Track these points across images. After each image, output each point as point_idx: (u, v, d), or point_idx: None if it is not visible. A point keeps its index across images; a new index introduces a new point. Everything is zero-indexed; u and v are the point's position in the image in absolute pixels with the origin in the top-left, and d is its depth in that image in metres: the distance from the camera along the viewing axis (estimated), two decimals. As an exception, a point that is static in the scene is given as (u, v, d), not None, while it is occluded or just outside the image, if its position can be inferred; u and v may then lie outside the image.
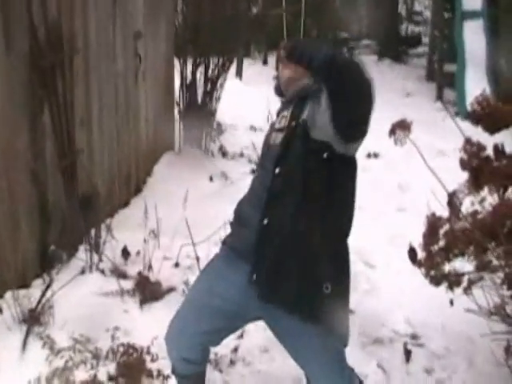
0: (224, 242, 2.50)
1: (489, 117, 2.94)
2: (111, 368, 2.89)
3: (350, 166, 2.33)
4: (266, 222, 2.26)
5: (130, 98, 4.93)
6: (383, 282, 3.90)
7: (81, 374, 2.81)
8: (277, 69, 2.57)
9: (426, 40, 13.63)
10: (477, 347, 3.16)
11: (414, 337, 3.39)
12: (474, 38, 9.39)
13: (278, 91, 2.62)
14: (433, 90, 10.41)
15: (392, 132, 2.83)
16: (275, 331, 2.38)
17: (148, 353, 2.93)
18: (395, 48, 13.62)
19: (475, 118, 3.01)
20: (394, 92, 9.57)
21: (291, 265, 2.22)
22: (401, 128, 2.80)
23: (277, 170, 2.30)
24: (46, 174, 3.65)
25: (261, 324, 2.49)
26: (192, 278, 2.90)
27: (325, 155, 2.22)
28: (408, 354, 3.17)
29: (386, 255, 4.21)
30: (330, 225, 2.26)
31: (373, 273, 4.01)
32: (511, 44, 8.81)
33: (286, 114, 2.44)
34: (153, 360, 2.91)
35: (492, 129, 2.97)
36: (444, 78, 10.34)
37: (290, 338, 2.31)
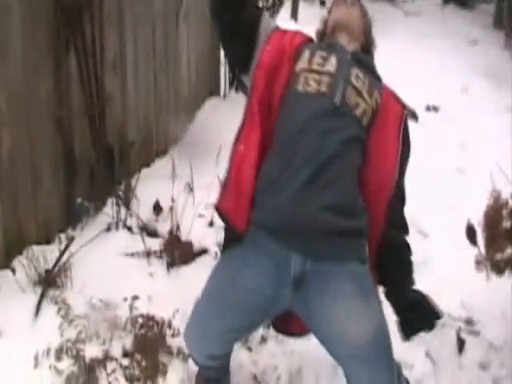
0: (250, 221, 2.01)
1: None
2: (128, 341, 2.63)
3: None
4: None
5: (169, 41, 4.58)
6: (437, 254, 3.50)
7: (93, 348, 2.55)
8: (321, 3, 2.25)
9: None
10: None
11: (468, 322, 3.02)
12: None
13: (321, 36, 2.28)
14: (501, 38, 9.75)
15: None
16: (310, 318, 2.04)
17: (169, 326, 2.67)
18: (461, -8, 12.87)
19: None
20: (459, 39, 8.96)
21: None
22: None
23: (349, 143, 2.00)
24: (72, 122, 3.35)
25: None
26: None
27: None
28: (461, 343, 2.82)
29: (442, 224, 3.80)
30: None
31: (426, 243, 3.59)
32: None
33: (361, 78, 2.12)
34: (173, 335, 2.64)
35: None
36: (513, 25, 9.70)
37: (328, 323, 1.96)
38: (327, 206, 1.89)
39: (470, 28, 10.30)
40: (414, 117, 2.19)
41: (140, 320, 2.69)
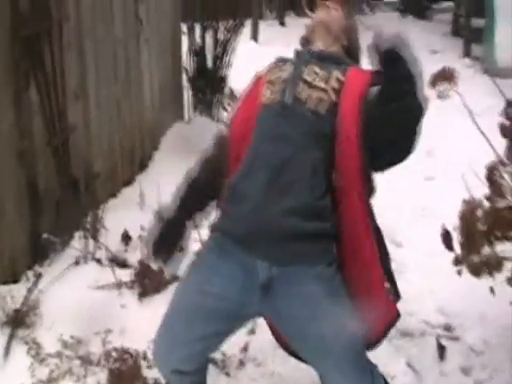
0: (213, 229, 2.06)
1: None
2: (103, 376, 2.55)
3: None
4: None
5: (131, 66, 4.54)
6: (412, 262, 3.48)
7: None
8: (310, 9, 2.25)
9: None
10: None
11: (447, 328, 2.99)
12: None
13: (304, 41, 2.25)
14: (459, 46, 9.90)
15: (433, 84, 2.43)
16: (282, 324, 2.01)
17: (144, 358, 2.60)
18: (418, 3, 13.05)
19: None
20: (418, 49, 9.06)
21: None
22: (444, 79, 2.40)
23: (304, 140, 1.95)
24: (35, 155, 3.27)
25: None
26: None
27: None
28: (442, 350, 2.78)
29: (414, 232, 3.80)
30: None
31: (400, 252, 3.57)
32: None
33: (316, 69, 2.05)
34: (149, 366, 2.57)
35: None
36: (471, 33, 9.83)
37: (299, 327, 1.93)
38: (288, 209, 1.88)
39: (429, 37, 10.44)
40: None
41: (114, 354, 2.62)
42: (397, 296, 2.11)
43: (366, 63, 2.16)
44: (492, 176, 2.62)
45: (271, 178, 1.91)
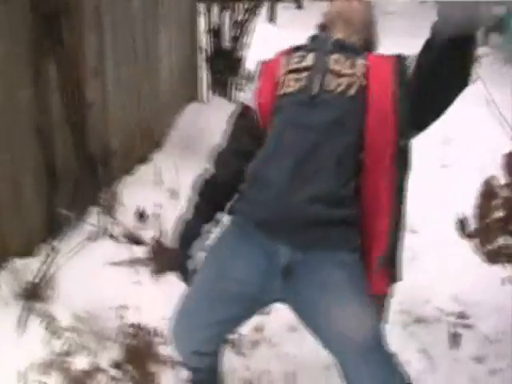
0: (234, 212, 2.05)
1: None
2: (116, 352, 2.56)
3: None
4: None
5: (149, 45, 4.53)
6: (427, 250, 3.48)
7: (81, 361, 2.48)
8: None
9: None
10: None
11: (462, 316, 2.98)
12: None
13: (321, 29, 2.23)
14: (480, 33, 9.80)
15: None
16: (302, 309, 1.98)
17: (158, 335, 2.61)
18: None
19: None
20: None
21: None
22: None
23: (330, 129, 1.92)
24: (53, 130, 3.27)
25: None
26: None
27: None
28: (456, 337, 2.78)
29: (430, 219, 3.78)
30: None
31: (416, 239, 3.55)
32: None
33: (340, 59, 2.04)
34: (163, 343, 2.57)
35: None
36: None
37: (319, 313, 1.91)
38: (312, 196, 1.87)
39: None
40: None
41: (128, 330, 2.63)
42: (392, 278, 2.07)
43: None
44: (509, 165, 2.61)
45: (296, 165, 1.90)
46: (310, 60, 2.07)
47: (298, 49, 2.18)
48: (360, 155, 1.95)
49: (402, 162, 2.00)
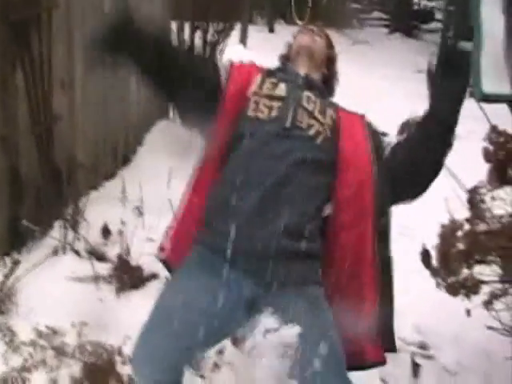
0: (199, 241, 2.05)
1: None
2: (76, 369, 2.53)
3: None
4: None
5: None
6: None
7: (40, 376, 2.45)
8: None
9: (439, 16, 13.19)
10: (496, 366, 2.77)
11: (423, 347, 3.01)
12: (492, 14, 8.91)
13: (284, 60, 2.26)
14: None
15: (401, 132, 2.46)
16: None
17: (119, 354, 2.58)
18: (407, 22, 13.17)
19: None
20: (405, 68, 9.15)
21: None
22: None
23: (300, 164, 1.97)
24: (18, 141, 3.24)
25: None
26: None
27: None
28: (416, 368, 2.81)
29: (393, 250, 3.81)
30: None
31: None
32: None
33: (313, 98, 2.11)
34: (124, 363, 2.55)
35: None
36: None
37: None
38: (279, 230, 1.89)
39: (416, 57, 10.53)
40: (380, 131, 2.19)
41: (89, 347, 2.59)
42: (389, 346, 2.10)
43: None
44: (473, 199, 2.67)
45: (264, 197, 1.92)
46: (282, 90, 2.10)
47: (271, 73, 2.21)
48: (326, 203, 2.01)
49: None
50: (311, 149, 2.01)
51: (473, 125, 4.46)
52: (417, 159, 2.05)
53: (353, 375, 2.04)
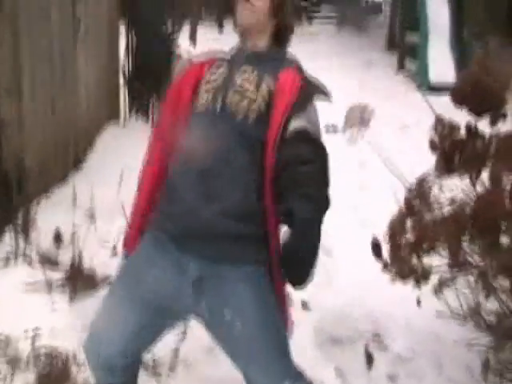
0: (150, 225, 2.08)
1: (476, 96, 2.58)
2: (31, 377, 2.50)
3: None
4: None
5: (67, 64, 4.48)
6: (342, 272, 3.56)
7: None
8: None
9: (386, 9, 13.39)
10: (447, 351, 2.84)
11: (376, 336, 3.04)
12: (437, 6, 9.07)
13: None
14: (394, 60, 10.13)
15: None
16: (209, 324, 2.03)
17: (74, 360, 2.56)
18: (355, 16, 13.32)
19: (458, 98, 2.65)
20: (354, 61, 9.26)
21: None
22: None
23: (233, 146, 1.97)
24: (-36, 149, 3.21)
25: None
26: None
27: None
28: (370, 357, 2.84)
29: (344, 241, 3.86)
30: None
31: (330, 262, 3.65)
32: (475, 13, 8.55)
33: (248, 73, 2.06)
34: (79, 369, 2.53)
35: (479, 110, 2.61)
36: (406, 48, 10.06)
37: (225, 328, 1.96)
38: (220, 211, 1.92)
39: (365, 51, 10.67)
40: (323, 93, 2.14)
41: (43, 355, 2.57)
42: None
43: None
44: (421, 188, 2.72)
45: (203, 181, 1.95)
46: (220, 74, 2.10)
47: (219, 59, 2.20)
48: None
49: None
50: (244, 130, 2.00)
51: (420, 116, 4.56)
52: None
53: (306, 364, 2.08)
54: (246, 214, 1.95)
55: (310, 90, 2.05)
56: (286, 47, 2.24)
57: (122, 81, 5.85)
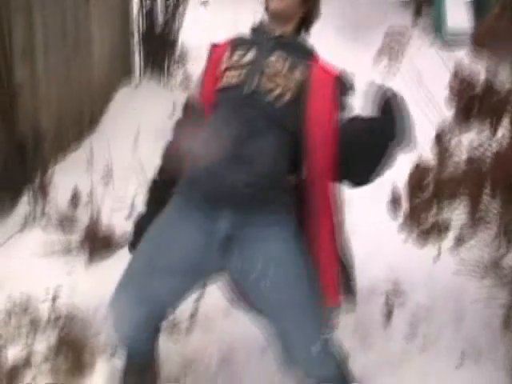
0: (175, 192, 2.11)
1: (498, 38, 2.51)
2: (50, 341, 2.53)
3: None
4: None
5: (80, 27, 4.43)
6: (361, 227, 3.52)
7: (14, 351, 2.44)
8: None
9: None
10: (466, 308, 2.81)
11: (395, 290, 3.01)
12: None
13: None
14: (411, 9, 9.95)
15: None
16: (241, 279, 2.06)
17: (93, 320, 2.58)
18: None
19: (480, 40, 2.59)
20: (371, 18, 9.10)
21: None
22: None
23: (263, 126, 2.03)
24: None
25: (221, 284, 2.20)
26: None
27: None
28: (390, 309, 2.85)
29: (364, 195, 3.82)
30: None
31: (350, 215, 3.59)
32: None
33: (282, 63, 2.11)
34: (97, 332, 2.55)
35: (501, 52, 2.54)
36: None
37: (258, 282, 1.99)
38: (250, 174, 1.97)
39: (380, 5, 10.42)
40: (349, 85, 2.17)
41: (63, 316, 2.59)
42: (348, 291, 2.16)
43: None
44: (439, 142, 2.68)
45: (234, 152, 1.98)
46: (250, 56, 2.13)
47: (242, 42, 2.19)
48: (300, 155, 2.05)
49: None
50: (272, 114, 2.04)
51: (438, 72, 4.48)
52: (361, 145, 2.04)
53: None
54: (274, 179, 2.01)
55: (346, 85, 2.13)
56: (308, 34, 2.30)
57: (135, 42, 5.79)
